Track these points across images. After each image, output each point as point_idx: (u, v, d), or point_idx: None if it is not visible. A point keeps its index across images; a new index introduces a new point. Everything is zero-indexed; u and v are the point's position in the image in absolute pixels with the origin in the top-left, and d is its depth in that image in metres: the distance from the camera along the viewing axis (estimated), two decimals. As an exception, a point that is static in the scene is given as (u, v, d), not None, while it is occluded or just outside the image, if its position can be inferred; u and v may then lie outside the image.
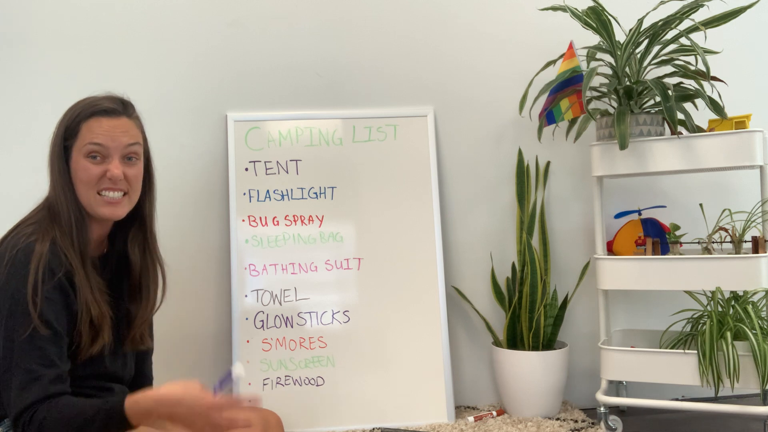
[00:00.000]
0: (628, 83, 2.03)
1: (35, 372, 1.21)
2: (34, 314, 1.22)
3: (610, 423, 1.99)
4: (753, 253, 1.84)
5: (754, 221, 1.88)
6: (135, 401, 1.19)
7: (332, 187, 2.24)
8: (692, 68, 2.00)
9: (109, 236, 1.46)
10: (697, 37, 2.16)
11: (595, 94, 2.15)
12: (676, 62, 2.04)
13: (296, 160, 2.24)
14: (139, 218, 1.46)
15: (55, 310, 1.25)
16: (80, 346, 1.29)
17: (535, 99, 2.22)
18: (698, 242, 2.00)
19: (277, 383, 2.11)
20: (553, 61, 2.20)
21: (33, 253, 1.25)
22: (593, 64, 2.12)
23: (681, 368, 1.85)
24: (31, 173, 2.13)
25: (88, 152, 1.33)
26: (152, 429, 1.29)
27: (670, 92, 1.87)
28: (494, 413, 2.20)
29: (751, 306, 1.88)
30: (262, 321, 2.14)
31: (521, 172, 2.31)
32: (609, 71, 2.13)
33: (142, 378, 1.55)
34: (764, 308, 1.93)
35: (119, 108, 1.37)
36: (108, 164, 1.33)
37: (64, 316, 1.27)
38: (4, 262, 1.25)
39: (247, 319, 2.13)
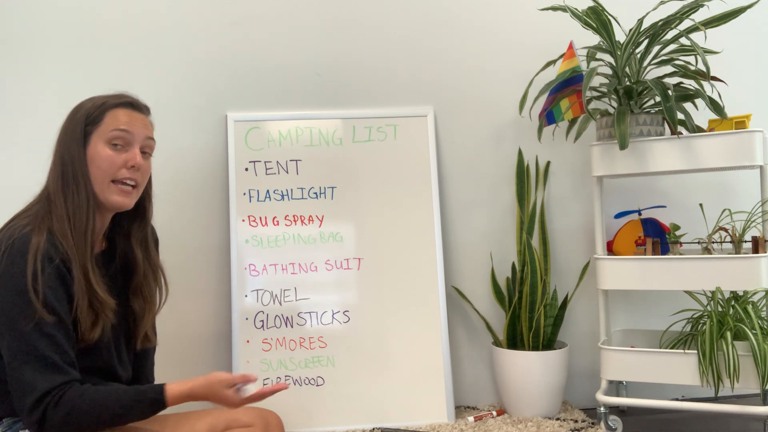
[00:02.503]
0: (628, 83, 2.03)
1: (49, 358, 1.22)
2: (37, 302, 1.23)
3: (610, 423, 2.00)
4: (753, 253, 1.84)
5: (754, 221, 1.88)
6: (176, 397, 1.31)
7: (332, 187, 2.24)
8: (692, 68, 2.00)
9: (108, 235, 1.46)
10: (697, 37, 2.16)
11: (595, 94, 2.15)
12: (676, 62, 2.04)
13: (296, 160, 2.24)
14: (141, 216, 1.48)
15: (57, 297, 1.26)
16: (80, 332, 1.30)
17: (535, 99, 2.22)
18: (698, 242, 2.00)
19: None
20: (553, 61, 2.20)
21: (30, 244, 1.26)
22: (593, 64, 2.13)
23: (681, 368, 1.85)
24: (29, 172, 2.13)
25: (113, 138, 1.36)
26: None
27: (670, 92, 1.87)
28: (494, 413, 2.20)
29: (751, 306, 1.88)
30: (262, 321, 2.14)
31: (521, 172, 2.31)
32: (609, 71, 2.14)
33: (143, 380, 1.55)
34: (764, 308, 1.93)
35: (141, 104, 1.44)
36: (129, 153, 1.37)
37: (65, 302, 1.28)
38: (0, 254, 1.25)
39: (247, 319, 2.13)
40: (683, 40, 2.04)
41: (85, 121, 1.36)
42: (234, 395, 1.34)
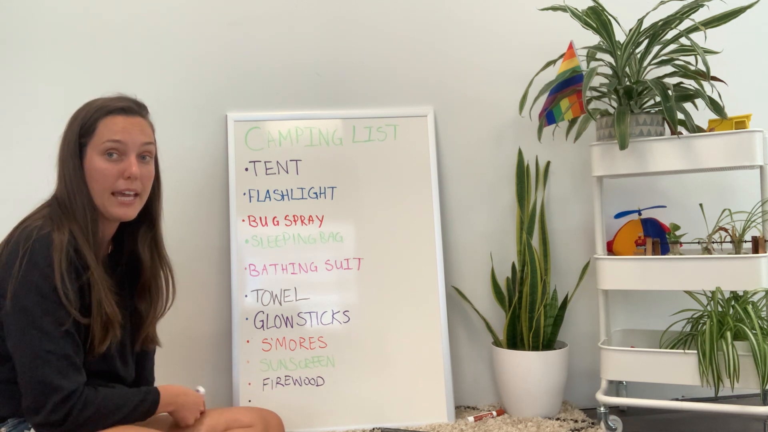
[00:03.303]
0: (628, 83, 2.03)
1: (72, 358, 1.24)
2: (68, 303, 1.24)
3: (610, 423, 2.00)
4: (753, 253, 1.84)
5: (754, 221, 1.88)
6: (167, 393, 1.39)
7: (332, 187, 2.24)
8: (692, 68, 2.00)
9: (114, 237, 1.46)
10: (697, 37, 2.16)
11: (595, 94, 2.15)
12: (676, 62, 2.04)
13: (296, 160, 2.24)
14: (149, 219, 1.47)
15: (77, 301, 1.27)
16: (92, 344, 1.30)
17: (535, 99, 2.22)
18: (698, 242, 2.00)
19: (277, 383, 2.11)
20: (553, 61, 2.20)
21: (52, 243, 1.25)
22: (593, 64, 2.13)
23: (681, 368, 1.85)
24: (32, 174, 2.13)
25: (106, 149, 1.33)
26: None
27: (670, 92, 1.87)
28: (494, 413, 2.20)
29: (751, 306, 1.88)
30: (262, 321, 2.14)
31: (521, 172, 2.31)
32: (609, 71, 2.14)
33: (143, 381, 1.55)
34: (764, 308, 1.93)
35: (135, 107, 1.39)
36: (125, 162, 1.34)
37: (80, 307, 1.29)
38: (19, 255, 1.24)
39: (247, 319, 2.13)
40: (683, 40, 2.04)
41: (79, 133, 1.34)
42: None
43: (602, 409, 1.98)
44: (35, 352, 1.22)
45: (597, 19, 2.00)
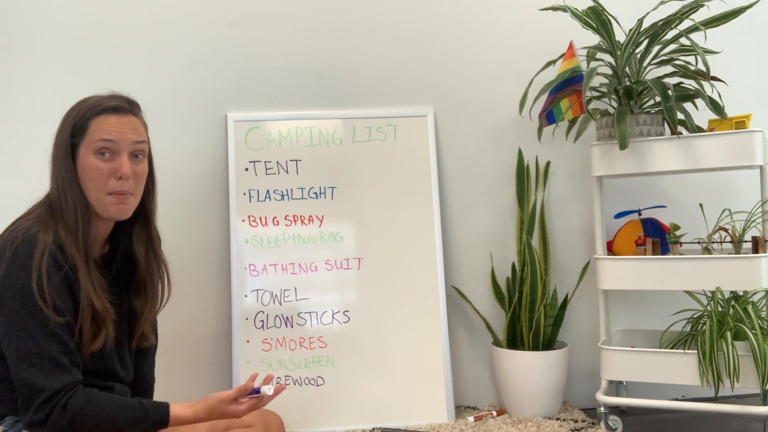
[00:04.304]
0: (628, 83, 2.03)
1: (57, 359, 1.23)
2: (46, 306, 1.23)
3: (610, 423, 2.00)
4: (753, 253, 1.84)
5: (754, 221, 1.88)
6: (180, 421, 1.32)
7: (332, 187, 2.24)
8: (692, 68, 2.00)
9: (110, 236, 1.46)
10: (697, 37, 2.16)
11: (595, 94, 2.15)
12: (676, 62, 2.04)
13: (296, 160, 2.24)
14: (143, 216, 1.47)
15: (64, 300, 1.27)
16: (82, 342, 1.30)
17: (535, 99, 2.22)
18: (698, 242, 2.00)
19: (277, 383, 2.11)
20: (553, 61, 2.20)
21: (36, 244, 1.25)
22: (593, 64, 2.13)
23: (681, 368, 1.85)
24: (30, 174, 2.13)
25: (98, 149, 1.33)
26: None
27: (670, 92, 1.87)
28: (494, 413, 2.20)
29: (751, 306, 1.88)
30: (262, 321, 2.14)
31: (521, 172, 2.31)
32: (609, 71, 2.14)
33: (142, 381, 1.55)
34: (764, 308, 1.93)
35: (127, 106, 1.39)
36: (117, 161, 1.34)
37: (71, 306, 1.28)
38: (5, 256, 1.25)
39: (247, 319, 2.13)
40: (683, 40, 2.04)
41: (71, 132, 1.34)
42: (237, 408, 1.34)
43: (602, 409, 1.98)
44: (20, 353, 1.22)
45: (597, 19, 2.00)
